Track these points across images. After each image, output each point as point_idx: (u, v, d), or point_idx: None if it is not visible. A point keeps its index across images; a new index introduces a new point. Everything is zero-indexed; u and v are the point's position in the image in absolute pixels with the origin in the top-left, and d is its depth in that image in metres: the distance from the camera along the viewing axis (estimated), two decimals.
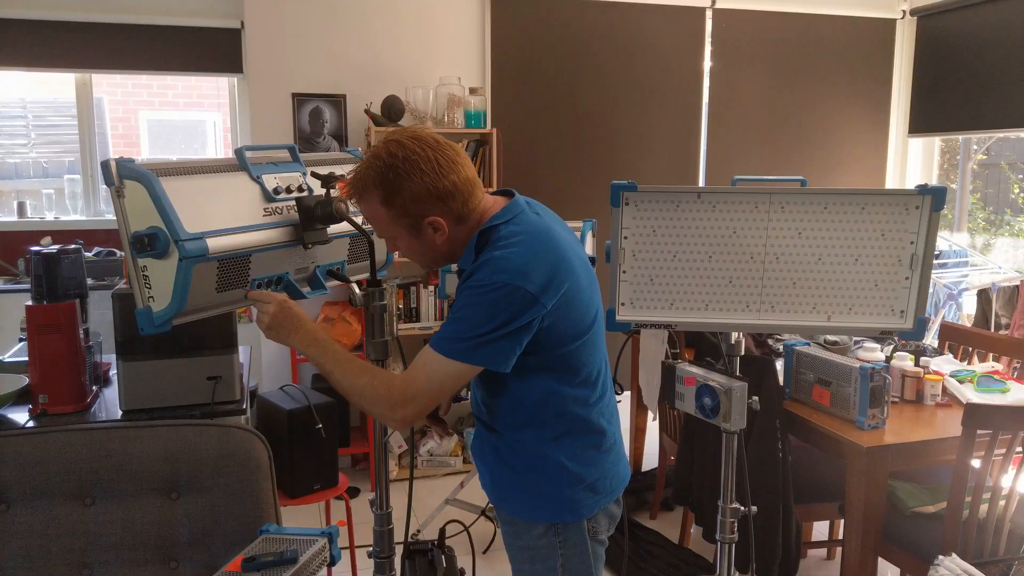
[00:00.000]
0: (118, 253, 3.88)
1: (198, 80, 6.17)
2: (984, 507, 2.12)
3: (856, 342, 2.92)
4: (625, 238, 1.72)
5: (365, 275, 1.70)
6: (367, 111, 3.81)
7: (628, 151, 4.39)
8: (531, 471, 1.51)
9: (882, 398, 2.27)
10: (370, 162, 1.37)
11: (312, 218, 1.51)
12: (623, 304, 1.75)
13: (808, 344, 2.58)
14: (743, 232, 1.70)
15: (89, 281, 2.46)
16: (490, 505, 1.79)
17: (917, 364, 2.62)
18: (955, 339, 3.13)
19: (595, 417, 1.53)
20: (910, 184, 4.74)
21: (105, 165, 1.34)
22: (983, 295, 4.01)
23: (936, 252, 2.08)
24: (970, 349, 3.07)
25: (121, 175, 1.33)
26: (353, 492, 3.74)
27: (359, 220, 1.54)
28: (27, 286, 3.18)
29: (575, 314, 1.44)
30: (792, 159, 4.72)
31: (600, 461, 1.54)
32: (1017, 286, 3.92)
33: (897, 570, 2.72)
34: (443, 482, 3.80)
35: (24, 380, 2.10)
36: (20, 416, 2.00)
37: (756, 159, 4.64)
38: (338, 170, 1.59)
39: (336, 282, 1.68)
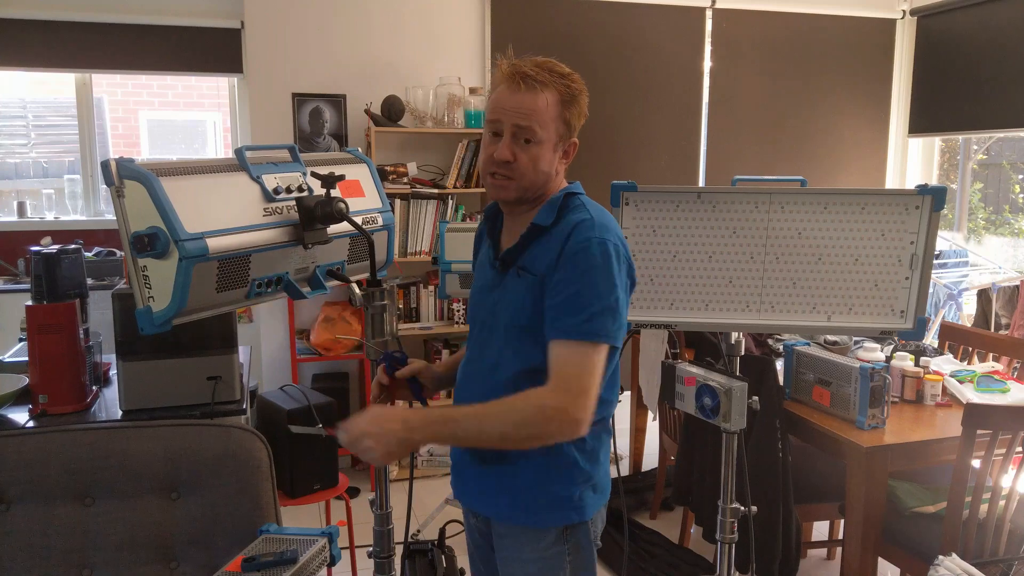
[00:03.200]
0: (118, 253, 3.88)
1: (198, 80, 6.17)
2: (984, 507, 2.12)
3: (856, 342, 2.92)
4: (625, 238, 1.72)
5: (365, 275, 1.70)
6: (367, 111, 3.81)
7: (628, 151, 4.39)
8: (545, 470, 1.43)
9: (882, 398, 2.27)
10: (566, 69, 1.44)
11: (312, 218, 1.51)
12: None
13: (808, 344, 2.58)
14: (743, 232, 1.70)
15: (89, 281, 2.46)
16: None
17: (917, 364, 2.62)
18: (955, 339, 3.13)
19: (612, 411, 1.51)
20: (910, 184, 4.75)
21: (105, 165, 1.34)
22: (983, 295, 4.01)
23: (936, 252, 2.08)
24: (970, 349, 3.07)
25: (121, 175, 1.33)
26: (353, 492, 3.74)
27: (359, 220, 1.54)
28: (27, 286, 3.18)
29: None
30: (792, 159, 4.72)
31: (604, 459, 1.52)
32: (1017, 286, 3.92)
33: (897, 570, 2.72)
34: (443, 482, 3.80)
35: (24, 380, 2.10)
36: (20, 416, 2.00)
37: (756, 159, 4.64)
38: (338, 170, 1.59)
39: (336, 282, 1.68)
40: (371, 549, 1.65)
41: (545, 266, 1.39)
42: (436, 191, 3.87)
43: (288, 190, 1.53)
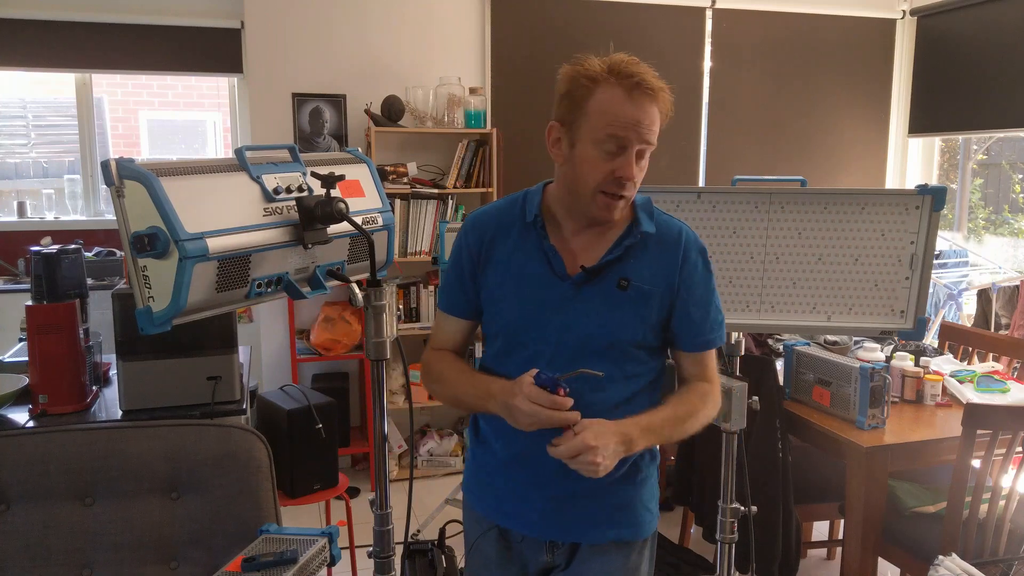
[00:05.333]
0: (118, 253, 3.88)
1: (198, 80, 6.17)
2: (984, 507, 2.12)
3: (856, 342, 2.92)
4: None
5: (365, 275, 1.70)
6: (367, 111, 3.81)
7: None
8: (653, 483, 1.53)
9: (882, 398, 2.27)
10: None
11: (312, 218, 1.51)
12: None
13: (808, 344, 2.58)
14: (743, 232, 1.70)
15: (89, 281, 2.46)
16: None
17: (917, 364, 2.62)
18: (955, 339, 3.13)
19: None
20: (910, 184, 4.75)
21: (105, 165, 1.34)
22: (983, 295, 4.01)
23: (936, 252, 2.08)
24: (970, 349, 3.07)
25: (121, 175, 1.33)
26: (353, 492, 3.74)
27: (359, 220, 1.54)
28: (27, 286, 3.17)
29: None
30: (792, 159, 4.72)
31: None
32: (1017, 286, 3.92)
33: (897, 570, 2.72)
34: (443, 482, 3.80)
35: (24, 380, 2.10)
36: (20, 416, 2.00)
37: (756, 159, 4.64)
38: (338, 170, 1.59)
39: (336, 282, 1.68)
40: (371, 549, 1.65)
41: (664, 278, 1.38)
42: (436, 191, 3.87)
43: (288, 190, 1.53)
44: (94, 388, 2.15)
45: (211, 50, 4.02)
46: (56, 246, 2.07)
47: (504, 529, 1.50)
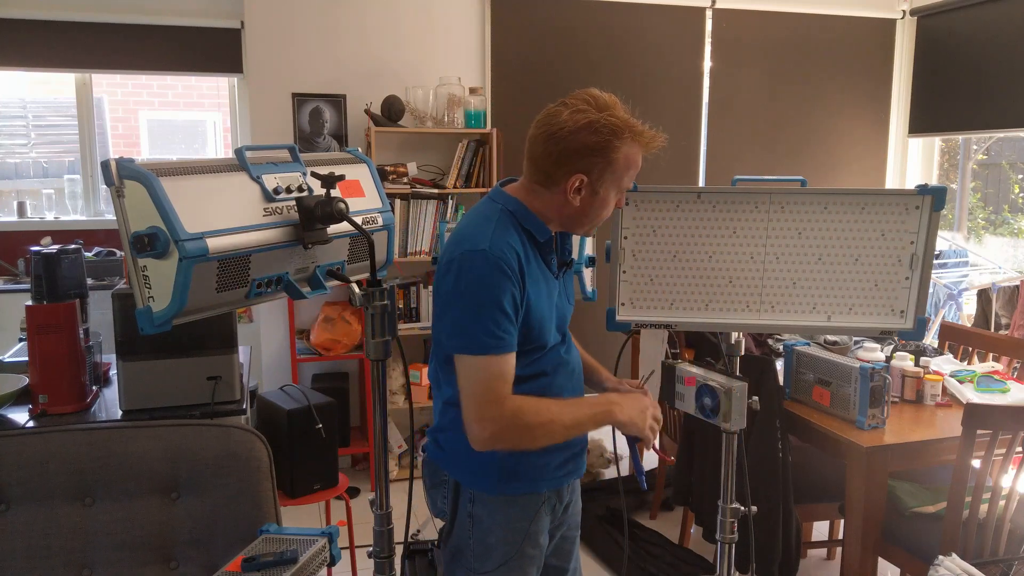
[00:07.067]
0: (118, 253, 3.88)
1: (198, 80, 6.17)
2: (984, 507, 2.12)
3: (856, 342, 2.92)
4: (625, 238, 1.72)
5: (365, 275, 1.70)
6: (367, 111, 3.81)
7: None
8: None
9: (882, 398, 2.27)
10: None
11: (312, 218, 1.51)
12: (623, 304, 1.75)
13: (808, 344, 2.58)
14: (743, 232, 1.70)
15: (89, 281, 2.46)
16: None
17: (917, 364, 2.62)
18: (955, 339, 3.13)
19: None
20: (910, 184, 4.74)
21: (105, 165, 1.33)
22: (983, 295, 4.01)
23: (936, 252, 2.08)
24: (970, 349, 3.07)
25: (121, 175, 1.33)
26: (353, 492, 3.74)
27: (359, 220, 1.54)
28: (27, 286, 3.18)
29: None
30: (792, 159, 4.72)
31: None
32: (1017, 286, 3.92)
33: (897, 570, 2.72)
34: None
35: (24, 380, 2.10)
36: (20, 416, 2.00)
37: (756, 159, 4.64)
38: (338, 170, 1.59)
39: (336, 282, 1.68)
40: (371, 549, 1.65)
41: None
42: (436, 191, 3.87)
43: (288, 190, 1.53)
44: (94, 388, 2.15)
45: (211, 50, 4.02)
46: (56, 246, 2.07)
47: (550, 493, 1.61)
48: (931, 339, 4.06)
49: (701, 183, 4.60)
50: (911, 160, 4.89)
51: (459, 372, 1.43)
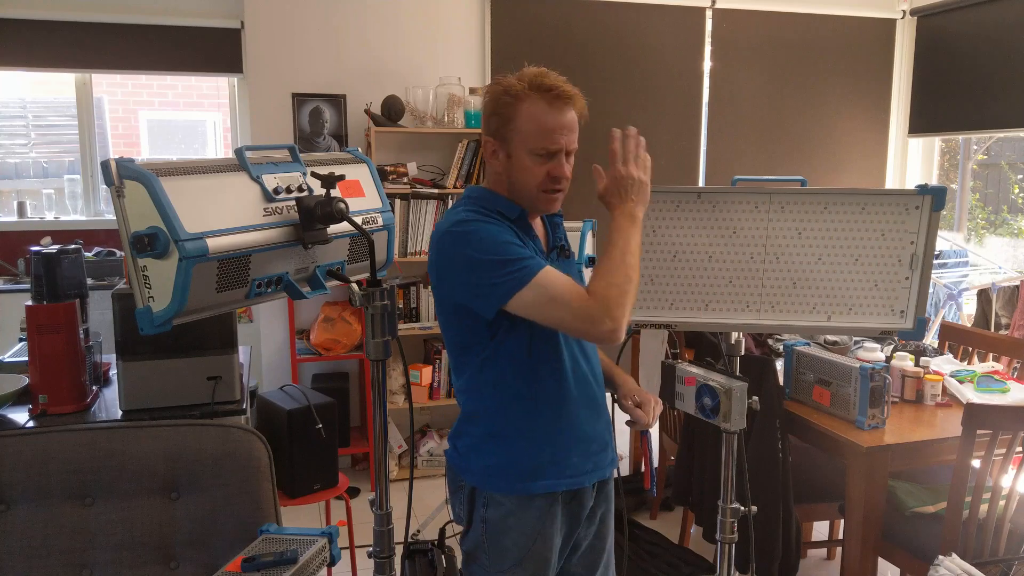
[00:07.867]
0: (118, 253, 3.88)
1: (198, 80, 6.17)
2: (984, 507, 2.12)
3: (856, 342, 2.92)
4: None
5: (365, 275, 1.70)
6: (367, 111, 3.81)
7: None
8: None
9: (882, 398, 2.27)
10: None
11: (312, 218, 1.51)
12: None
13: (808, 344, 2.58)
14: (743, 232, 1.70)
15: (89, 281, 2.46)
16: None
17: (917, 364, 2.62)
18: (955, 339, 3.13)
19: None
20: (910, 184, 4.74)
21: (105, 165, 1.33)
22: (983, 295, 4.01)
23: (936, 252, 2.08)
24: (970, 349, 3.07)
25: (121, 175, 1.33)
26: (353, 492, 3.74)
27: (359, 220, 1.54)
28: (27, 286, 3.18)
29: None
30: (792, 159, 4.72)
31: None
32: (1017, 286, 3.92)
33: (897, 570, 2.72)
34: (443, 482, 3.80)
35: (24, 380, 2.10)
36: (20, 416, 2.00)
37: (756, 159, 4.64)
38: (338, 170, 1.59)
39: (336, 282, 1.68)
40: (371, 549, 1.65)
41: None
42: (436, 191, 3.87)
43: (288, 190, 1.53)
44: (94, 388, 2.15)
45: (211, 50, 4.02)
46: (56, 246, 2.07)
47: (565, 493, 1.60)
48: (931, 339, 4.06)
49: (701, 183, 4.60)
50: (911, 160, 4.89)
51: (531, 310, 1.43)
